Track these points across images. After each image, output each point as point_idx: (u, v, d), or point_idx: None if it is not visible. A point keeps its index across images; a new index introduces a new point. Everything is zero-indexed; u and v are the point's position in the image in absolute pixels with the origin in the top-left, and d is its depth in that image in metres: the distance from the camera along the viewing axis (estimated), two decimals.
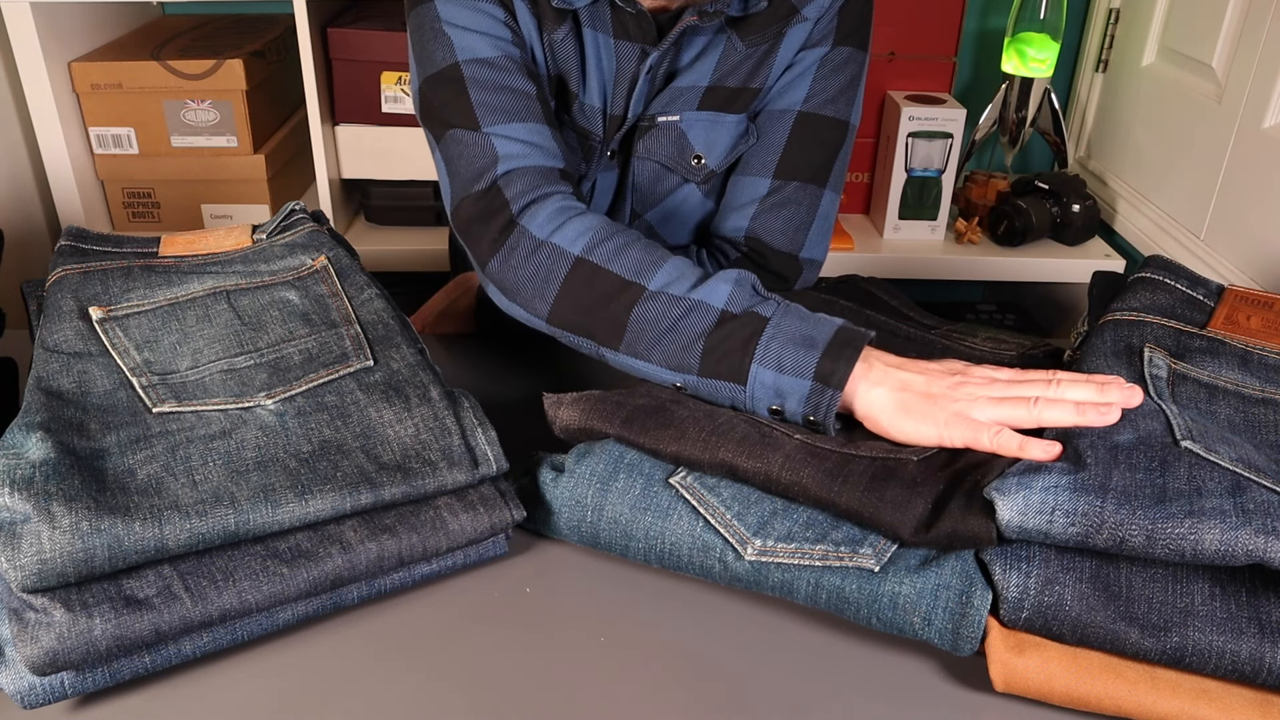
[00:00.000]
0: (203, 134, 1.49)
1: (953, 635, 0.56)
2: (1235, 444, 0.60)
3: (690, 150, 0.89)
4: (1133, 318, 0.73)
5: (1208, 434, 0.61)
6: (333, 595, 0.59)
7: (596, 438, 0.67)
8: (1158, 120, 1.56)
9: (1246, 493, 0.55)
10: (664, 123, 0.88)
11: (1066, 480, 0.56)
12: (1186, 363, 0.70)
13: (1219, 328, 0.73)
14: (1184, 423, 0.61)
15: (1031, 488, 0.56)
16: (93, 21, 1.52)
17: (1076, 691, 0.54)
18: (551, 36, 0.84)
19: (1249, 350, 0.71)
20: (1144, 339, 0.71)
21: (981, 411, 0.64)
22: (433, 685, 0.56)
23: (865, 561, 0.58)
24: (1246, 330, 0.73)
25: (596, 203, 0.91)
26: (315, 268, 0.75)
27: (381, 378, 0.66)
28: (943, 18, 1.65)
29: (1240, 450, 0.60)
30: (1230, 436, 0.62)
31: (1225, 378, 0.68)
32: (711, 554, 0.60)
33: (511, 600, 0.62)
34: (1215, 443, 0.60)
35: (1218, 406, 0.66)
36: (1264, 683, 0.53)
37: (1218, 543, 0.53)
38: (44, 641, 0.51)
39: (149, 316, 0.69)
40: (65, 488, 0.54)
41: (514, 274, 0.75)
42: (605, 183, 0.90)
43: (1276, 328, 0.73)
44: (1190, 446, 0.59)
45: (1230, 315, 0.74)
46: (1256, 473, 0.57)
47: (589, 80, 0.85)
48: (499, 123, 0.78)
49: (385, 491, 0.59)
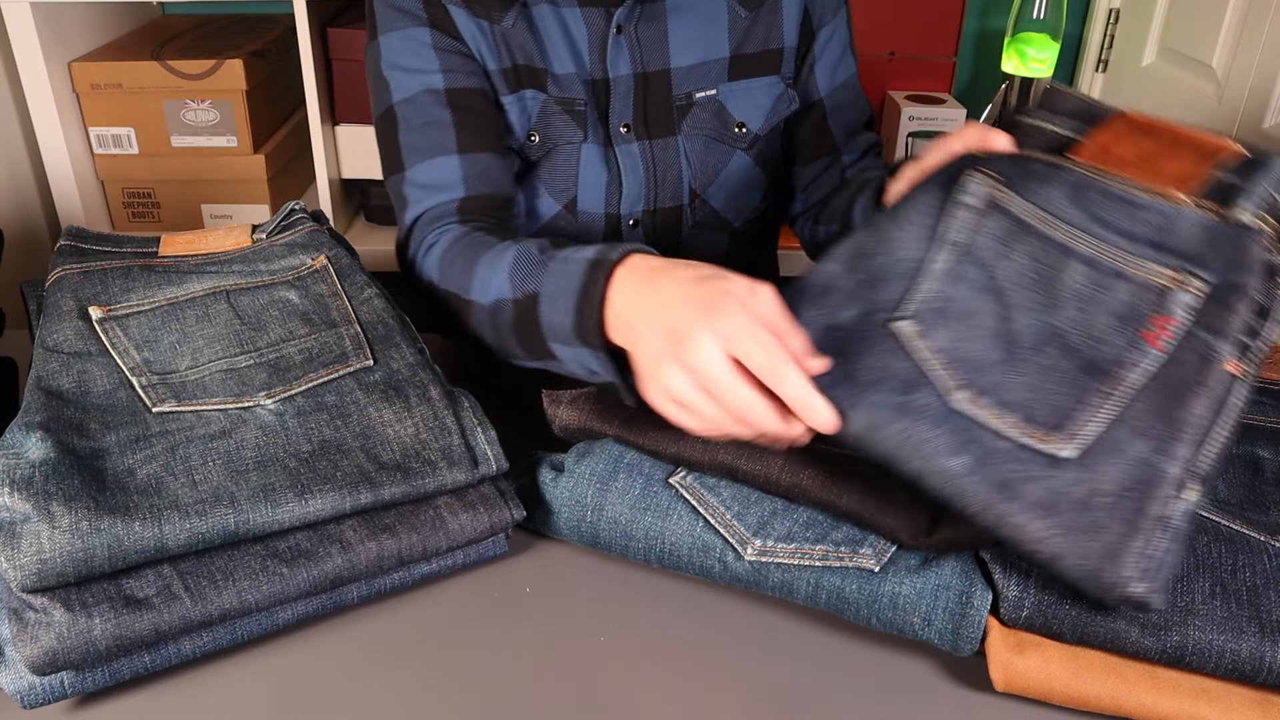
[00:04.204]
0: (203, 134, 1.49)
1: (953, 635, 0.56)
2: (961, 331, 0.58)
3: (732, 119, 0.93)
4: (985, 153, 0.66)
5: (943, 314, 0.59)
6: (333, 595, 0.59)
7: (596, 437, 0.67)
8: None
9: (916, 393, 0.56)
10: (701, 98, 0.91)
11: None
12: (1014, 191, 0.63)
13: (1083, 156, 0.64)
14: (927, 298, 0.59)
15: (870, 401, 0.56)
16: (93, 21, 1.52)
17: (1076, 691, 0.54)
18: (501, 27, 0.86)
19: (1091, 179, 0.62)
20: (976, 165, 0.64)
21: (667, 400, 0.58)
22: (433, 685, 0.56)
23: (865, 562, 0.58)
24: (1115, 160, 0.64)
25: (626, 182, 0.92)
26: (315, 267, 0.75)
27: (381, 377, 0.66)
28: (943, 18, 1.65)
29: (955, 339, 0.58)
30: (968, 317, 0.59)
31: (1042, 214, 0.62)
32: (711, 554, 0.60)
33: (511, 600, 0.62)
34: (932, 328, 0.58)
35: (1014, 251, 0.61)
36: (1264, 682, 0.53)
37: (862, 429, 0.55)
38: (44, 641, 0.51)
39: (149, 316, 0.69)
40: (65, 487, 0.54)
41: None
42: (629, 160, 0.91)
43: (1150, 162, 0.63)
44: (899, 328, 0.58)
45: (1104, 144, 0.65)
46: (948, 368, 0.57)
47: (557, 52, 0.87)
48: (416, 163, 0.85)
49: (385, 491, 0.59)
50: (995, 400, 0.56)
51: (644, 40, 0.88)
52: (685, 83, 0.90)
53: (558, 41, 0.87)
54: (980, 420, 0.55)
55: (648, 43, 0.88)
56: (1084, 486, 0.54)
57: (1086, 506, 0.53)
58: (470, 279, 0.77)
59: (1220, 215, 0.59)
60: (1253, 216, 0.59)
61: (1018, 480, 0.54)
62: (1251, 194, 0.59)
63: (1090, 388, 0.56)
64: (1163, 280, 0.59)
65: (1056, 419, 0.56)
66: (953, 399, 0.56)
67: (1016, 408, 0.56)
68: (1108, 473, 0.54)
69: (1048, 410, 0.56)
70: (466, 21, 0.85)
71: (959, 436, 0.55)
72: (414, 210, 0.86)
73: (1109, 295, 0.59)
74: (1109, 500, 0.53)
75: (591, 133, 0.90)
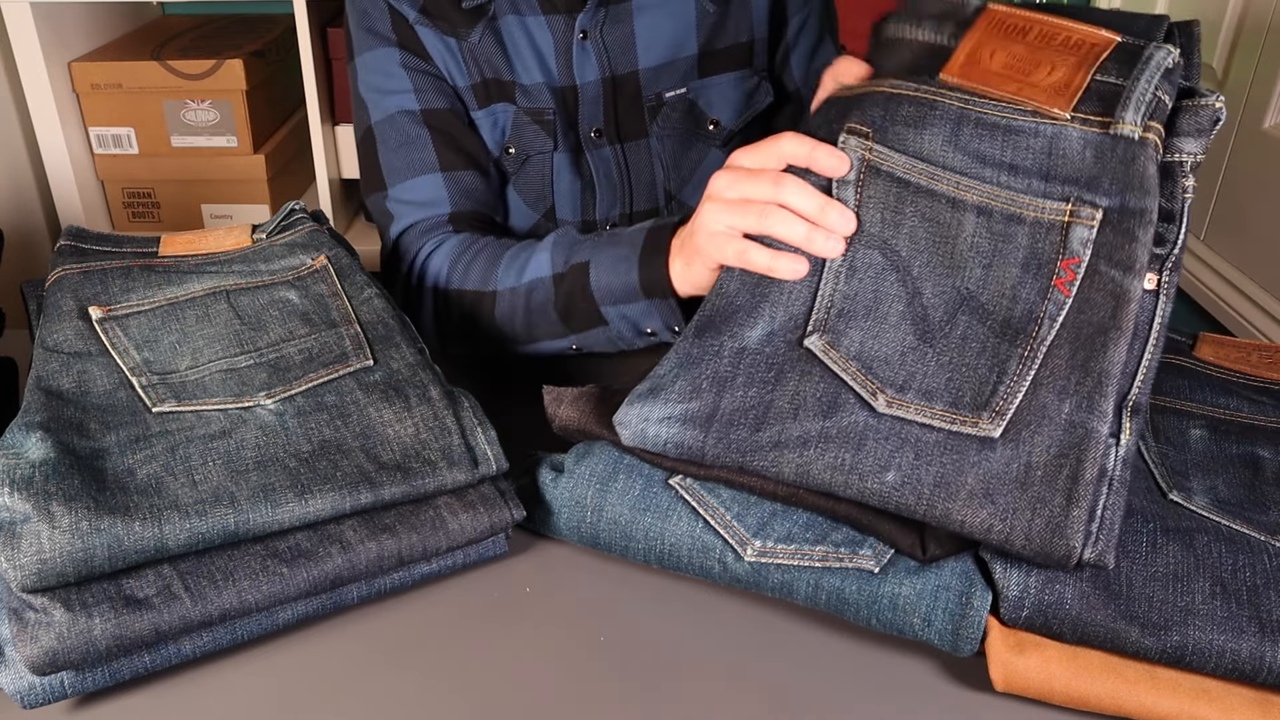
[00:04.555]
0: (203, 134, 1.49)
1: (953, 636, 0.56)
2: (870, 327, 0.57)
3: (705, 117, 0.93)
4: (855, 94, 0.62)
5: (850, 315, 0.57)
6: (333, 595, 0.59)
7: (595, 439, 0.67)
8: None
9: (839, 412, 0.55)
10: (671, 97, 0.91)
11: (679, 411, 0.56)
12: (888, 145, 0.59)
13: (953, 74, 0.59)
14: (831, 304, 0.58)
15: (649, 419, 0.57)
16: (93, 21, 1.52)
17: (1076, 691, 0.54)
18: (469, 43, 0.86)
19: (965, 111, 0.58)
20: (846, 116, 0.60)
21: (717, 220, 0.63)
22: (433, 685, 0.56)
23: (865, 563, 0.58)
24: (983, 75, 0.58)
25: (599, 188, 0.91)
26: (315, 267, 0.75)
27: (381, 377, 0.66)
28: None
29: (867, 338, 0.57)
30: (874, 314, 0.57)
31: (922, 166, 0.58)
32: (711, 555, 0.60)
33: (511, 600, 0.62)
34: (842, 334, 0.56)
35: (904, 216, 0.58)
36: (1264, 682, 0.53)
37: (793, 474, 0.55)
38: (44, 641, 0.51)
39: (149, 316, 0.69)
40: (65, 487, 0.54)
41: (420, 321, 0.85)
42: (602, 165, 0.91)
43: (1024, 72, 0.58)
44: (812, 344, 0.56)
45: (974, 54, 0.59)
46: (866, 374, 0.56)
47: (524, 63, 0.88)
48: (398, 181, 0.87)
49: (385, 491, 0.59)
50: (918, 393, 0.55)
51: (610, 43, 0.87)
52: (654, 83, 0.90)
53: (524, 52, 0.87)
54: (907, 418, 0.55)
55: (614, 46, 0.88)
56: (1018, 463, 0.53)
57: (1023, 484, 0.53)
58: (493, 271, 0.79)
59: (1103, 129, 0.56)
60: (1135, 126, 0.55)
61: (952, 473, 0.54)
62: (1132, 96, 0.56)
63: (1010, 354, 0.55)
64: (1059, 216, 0.56)
65: (981, 397, 0.55)
66: (877, 406, 0.55)
67: (940, 394, 0.55)
68: (1039, 443, 0.53)
69: (971, 389, 0.55)
70: (434, 40, 0.86)
71: (889, 444, 0.55)
72: (400, 223, 0.87)
73: (1010, 245, 0.56)
74: (1044, 473, 0.53)
75: (562, 141, 0.90)
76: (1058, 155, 0.56)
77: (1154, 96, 0.56)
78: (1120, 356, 0.54)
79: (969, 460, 0.54)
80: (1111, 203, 0.56)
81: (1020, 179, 0.57)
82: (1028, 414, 0.54)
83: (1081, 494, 0.52)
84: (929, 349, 0.56)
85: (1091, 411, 0.53)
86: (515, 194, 0.92)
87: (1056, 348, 0.55)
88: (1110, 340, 0.54)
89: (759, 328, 0.57)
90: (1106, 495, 0.53)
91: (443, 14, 0.85)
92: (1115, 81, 0.56)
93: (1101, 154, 0.56)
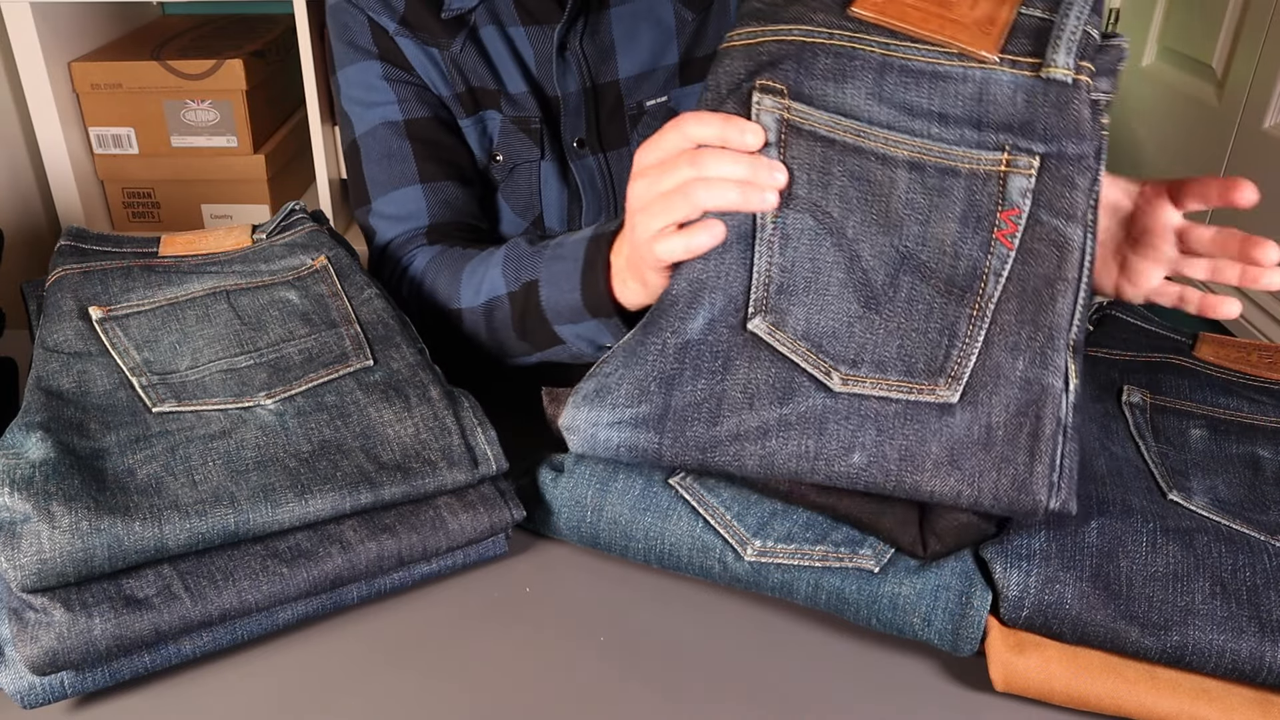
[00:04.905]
0: (203, 134, 1.49)
1: (953, 636, 0.56)
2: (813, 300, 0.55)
3: None
4: (760, 43, 0.57)
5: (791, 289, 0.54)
6: (333, 595, 0.59)
7: None
8: (1158, 120, 1.56)
9: (795, 397, 0.53)
10: (653, 106, 0.90)
11: (630, 415, 0.54)
12: (806, 102, 0.55)
13: (867, 9, 0.55)
14: (769, 279, 0.55)
15: (599, 424, 0.55)
16: (93, 21, 1.52)
17: (1076, 691, 0.54)
18: (451, 53, 0.86)
19: (888, 59, 0.55)
20: (757, 73, 0.56)
21: (647, 228, 0.59)
22: (433, 685, 0.56)
23: (865, 562, 0.58)
24: (901, 9, 0.55)
25: (585, 197, 0.91)
26: (315, 267, 0.75)
27: (381, 377, 0.66)
28: None
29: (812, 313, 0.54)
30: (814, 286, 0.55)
31: (847, 122, 0.55)
32: (711, 554, 0.60)
33: (511, 600, 0.62)
34: (785, 313, 0.54)
35: (832, 177, 0.55)
36: (1264, 682, 0.53)
37: (756, 467, 0.54)
38: (44, 641, 0.51)
39: (149, 316, 0.69)
40: (65, 487, 0.54)
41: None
42: (586, 175, 0.91)
43: (947, 6, 0.55)
44: (756, 327, 0.54)
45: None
46: (817, 353, 0.54)
47: (508, 71, 0.87)
48: (379, 195, 0.87)
49: (385, 491, 0.59)
50: (871, 365, 0.54)
51: (590, 54, 0.87)
52: (635, 92, 0.89)
53: (508, 61, 0.87)
54: (864, 393, 0.54)
55: (594, 55, 0.87)
56: (979, 425, 0.53)
57: (986, 446, 0.53)
58: (457, 287, 0.78)
59: (1034, 71, 0.54)
60: (1068, 69, 0.54)
61: (916, 445, 0.53)
62: (1063, 35, 0.54)
63: (959, 315, 0.54)
64: (995, 166, 0.54)
65: (935, 362, 0.54)
66: (832, 385, 0.54)
67: (893, 364, 0.54)
68: (997, 404, 0.53)
69: (924, 355, 0.54)
70: (415, 51, 0.85)
71: (850, 424, 0.53)
72: (380, 239, 0.87)
73: (947, 199, 0.54)
74: (1005, 433, 0.53)
75: (549, 150, 0.89)
76: (989, 101, 0.54)
77: (1084, 33, 0.54)
78: (1069, 308, 0.54)
79: (930, 429, 0.53)
80: (1049, 149, 0.54)
81: (952, 129, 0.55)
82: (983, 375, 0.53)
83: (1043, 449, 0.53)
84: (875, 316, 0.54)
85: (1045, 367, 0.53)
86: (504, 203, 0.92)
87: (1004, 303, 0.54)
88: (1058, 292, 0.54)
89: (699, 317, 0.55)
90: (1063, 444, 0.53)
91: (423, 24, 0.85)
92: (1042, 16, 0.54)
93: (1034, 98, 0.54)
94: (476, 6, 0.85)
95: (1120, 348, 0.75)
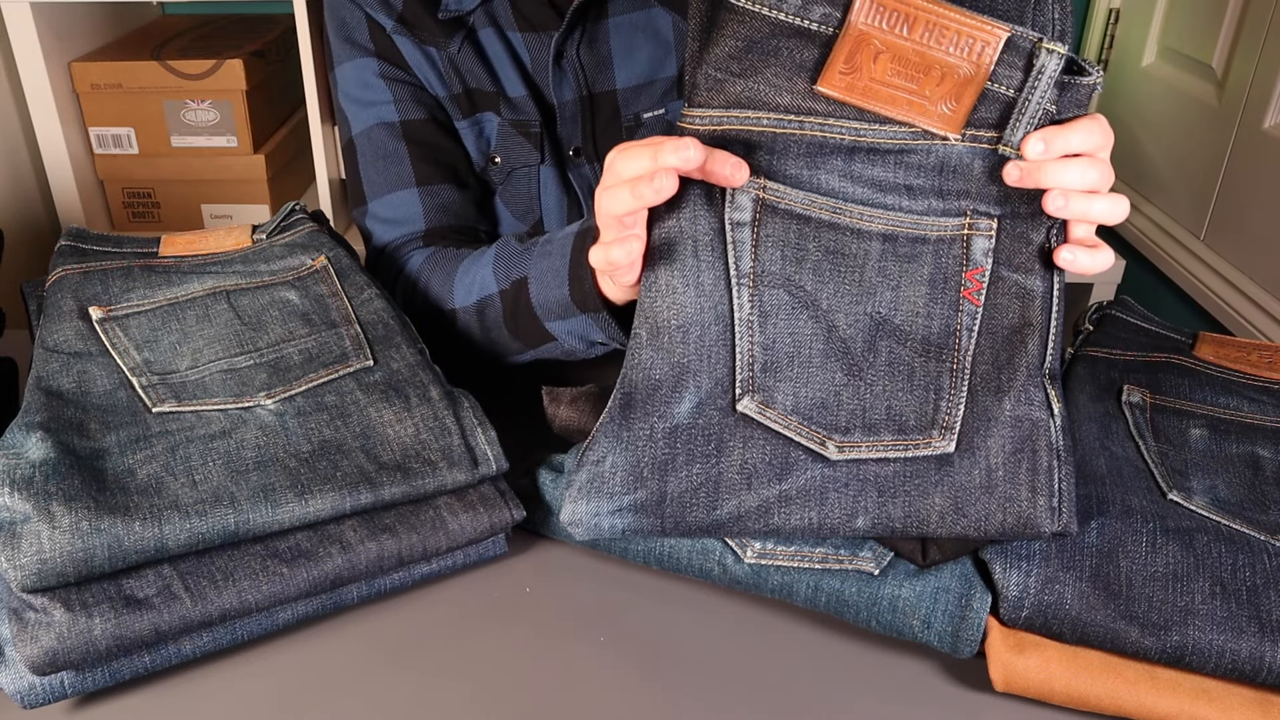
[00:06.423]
0: (203, 134, 1.49)
1: (952, 638, 0.56)
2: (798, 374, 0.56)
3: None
4: (729, 130, 0.56)
5: (775, 367, 0.55)
6: (333, 595, 0.59)
7: None
8: (1158, 120, 1.56)
9: (793, 471, 0.55)
10: (650, 118, 0.90)
11: (628, 502, 0.55)
12: (781, 182, 0.57)
13: (834, 88, 0.55)
14: (753, 358, 0.55)
15: (600, 514, 0.56)
16: (93, 21, 1.52)
17: (1076, 691, 0.54)
18: (448, 54, 0.86)
19: (858, 143, 0.55)
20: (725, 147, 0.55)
21: (608, 231, 0.58)
22: (433, 685, 0.56)
23: (865, 565, 0.58)
24: (867, 89, 0.54)
25: (584, 205, 0.91)
26: (315, 268, 0.75)
27: (381, 378, 0.66)
28: None
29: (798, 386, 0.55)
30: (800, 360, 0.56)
31: (822, 200, 0.56)
32: (711, 557, 0.60)
33: (511, 600, 0.62)
34: (773, 390, 0.55)
35: (806, 251, 0.56)
36: (1264, 682, 0.53)
37: (757, 533, 0.56)
38: (44, 641, 0.51)
39: (149, 316, 0.69)
40: (65, 487, 0.54)
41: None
42: (583, 183, 0.91)
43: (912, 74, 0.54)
44: (745, 408, 0.55)
45: (853, 58, 0.54)
46: (809, 425, 0.55)
47: (507, 75, 0.87)
48: (375, 197, 0.87)
49: (385, 491, 0.59)
50: (864, 431, 0.56)
51: (587, 63, 0.87)
52: (633, 103, 0.89)
53: (507, 65, 0.87)
54: (861, 458, 0.55)
55: (591, 65, 0.87)
56: (979, 469, 0.55)
57: (989, 488, 0.55)
58: (450, 288, 0.78)
59: (991, 144, 0.56)
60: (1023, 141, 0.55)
61: (919, 501, 0.55)
62: (1023, 118, 0.55)
63: (940, 371, 0.56)
64: (959, 230, 0.57)
65: (926, 417, 0.56)
66: (829, 454, 0.55)
67: (885, 425, 0.56)
68: (993, 446, 0.55)
69: (914, 412, 0.56)
70: (413, 50, 0.85)
71: (850, 491, 0.55)
72: (376, 242, 0.87)
73: (916, 264, 0.57)
74: (1004, 473, 0.55)
75: (549, 154, 0.89)
76: (949, 172, 0.57)
77: (1044, 111, 0.55)
78: (1039, 347, 0.56)
79: (931, 481, 0.55)
80: (1004, 210, 0.57)
81: (919, 200, 0.57)
82: (974, 421, 0.56)
83: (1042, 482, 0.55)
84: (860, 382, 0.56)
85: (1030, 403, 0.56)
86: (504, 207, 0.91)
87: (980, 355, 0.57)
88: (1026, 336, 0.57)
89: (686, 401, 0.55)
90: (1059, 469, 0.55)
91: (420, 23, 0.85)
92: (1006, 93, 0.55)
93: (991, 165, 0.57)
94: (475, 9, 0.85)
95: (1120, 348, 0.75)
